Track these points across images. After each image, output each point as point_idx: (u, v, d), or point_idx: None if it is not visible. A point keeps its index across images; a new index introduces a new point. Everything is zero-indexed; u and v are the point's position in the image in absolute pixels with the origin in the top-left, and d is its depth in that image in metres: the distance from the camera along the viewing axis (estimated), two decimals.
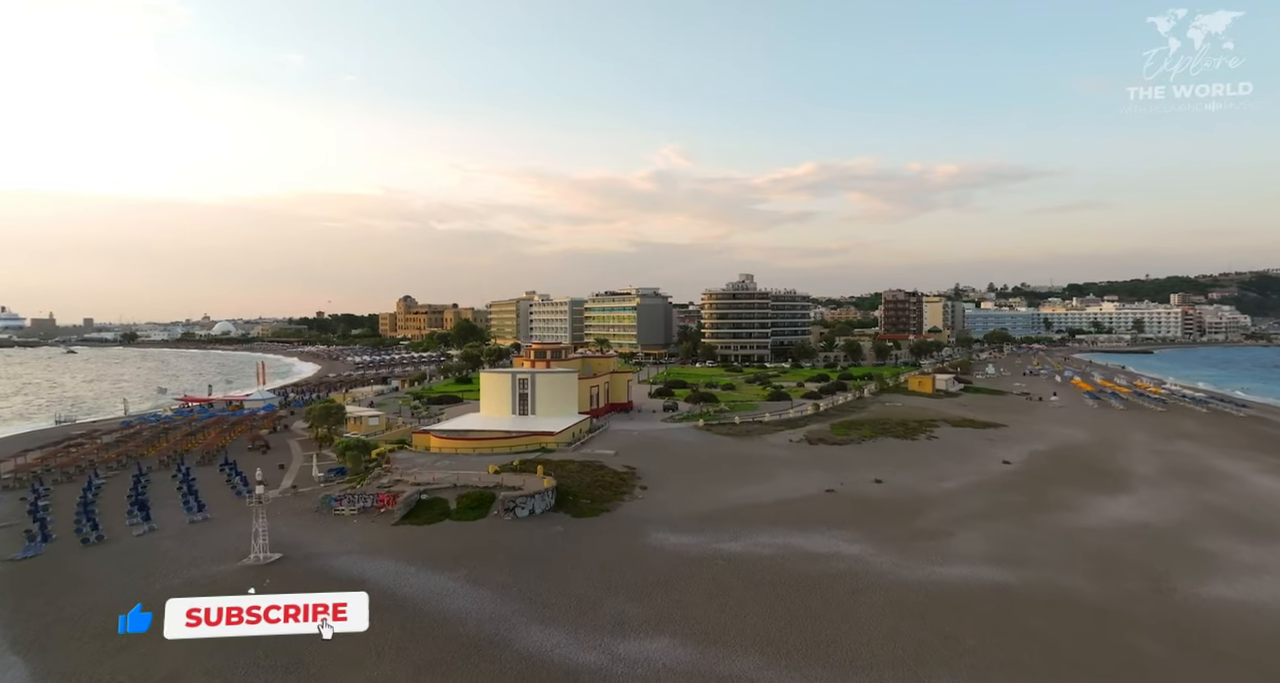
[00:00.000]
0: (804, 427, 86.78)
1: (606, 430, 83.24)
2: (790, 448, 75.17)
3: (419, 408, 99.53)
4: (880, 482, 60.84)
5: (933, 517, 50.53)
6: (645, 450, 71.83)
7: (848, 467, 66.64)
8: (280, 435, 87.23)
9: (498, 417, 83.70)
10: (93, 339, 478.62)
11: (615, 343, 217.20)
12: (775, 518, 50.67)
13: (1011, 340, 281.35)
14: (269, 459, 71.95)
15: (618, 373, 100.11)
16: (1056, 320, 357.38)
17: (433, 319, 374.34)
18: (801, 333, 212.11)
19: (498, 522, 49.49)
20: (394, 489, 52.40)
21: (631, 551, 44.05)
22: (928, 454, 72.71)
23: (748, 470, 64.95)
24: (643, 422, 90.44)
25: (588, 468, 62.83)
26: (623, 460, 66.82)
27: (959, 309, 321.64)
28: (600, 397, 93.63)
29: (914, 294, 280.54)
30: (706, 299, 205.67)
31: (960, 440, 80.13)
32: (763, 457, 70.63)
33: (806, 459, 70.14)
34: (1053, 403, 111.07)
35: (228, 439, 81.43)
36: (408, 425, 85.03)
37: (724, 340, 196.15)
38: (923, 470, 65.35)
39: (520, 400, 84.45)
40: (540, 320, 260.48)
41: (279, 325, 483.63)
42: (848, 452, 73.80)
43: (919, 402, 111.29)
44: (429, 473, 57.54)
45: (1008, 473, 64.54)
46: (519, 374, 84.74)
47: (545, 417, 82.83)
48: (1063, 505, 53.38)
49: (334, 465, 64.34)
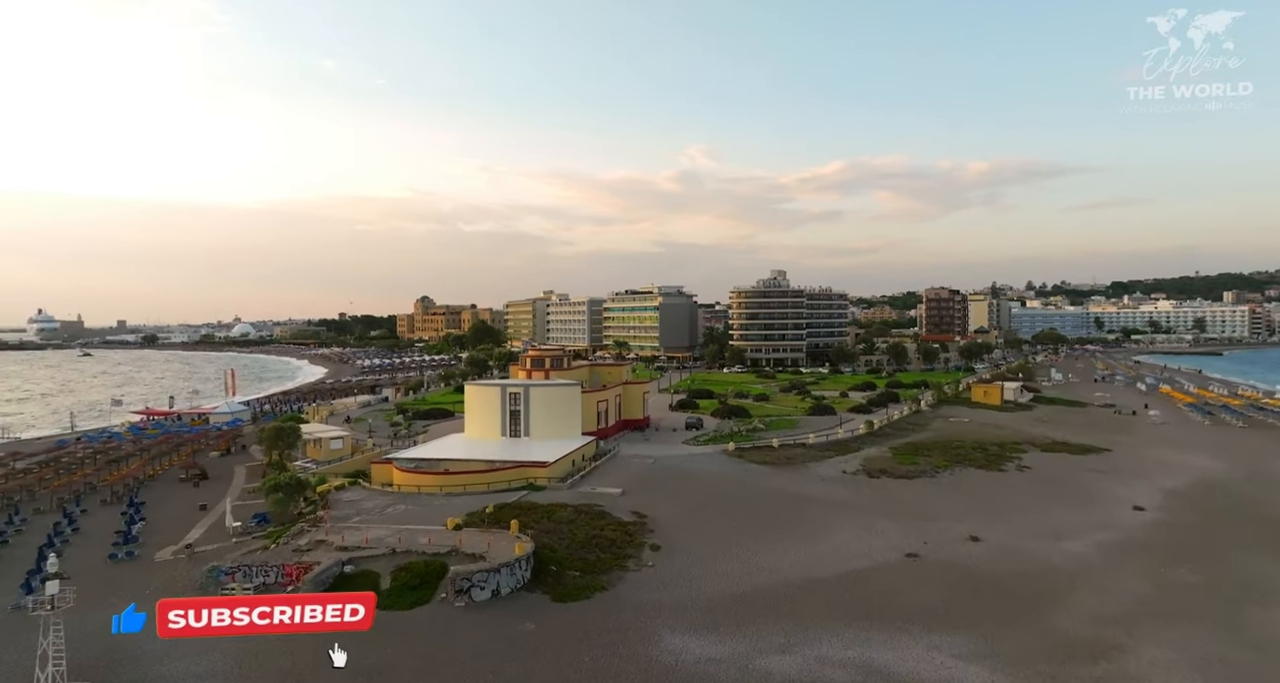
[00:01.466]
0: (858, 452, 70.86)
1: (615, 456, 68.19)
2: (845, 483, 59.43)
3: (400, 425, 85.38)
4: (978, 540, 44.91)
5: (1078, 609, 34.57)
6: (660, 487, 56.61)
7: (926, 513, 50.77)
8: (231, 460, 73.57)
9: (484, 440, 69.07)
10: (115, 341, 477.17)
11: (636, 345, 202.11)
12: (842, 606, 35.23)
13: (1064, 341, 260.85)
14: (199, 494, 58.14)
15: (631, 384, 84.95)
16: (1108, 320, 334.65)
17: (450, 320, 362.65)
18: (839, 335, 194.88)
19: (444, 610, 34.67)
20: (305, 560, 37.78)
21: (631, 673, 28.94)
22: (1026, 493, 56.47)
23: (794, 518, 49.42)
24: (660, 444, 75.19)
25: (584, 516, 47.80)
26: (631, 502, 51.71)
27: (1004, 308, 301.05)
28: (610, 413, 78.60)
29: (957, 293, 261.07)
30: (735, 298, 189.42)
31: (1060, 472, 63.63)
32: (812, 497, 55.03)
33: (869, 500, 54.37)
34: (1152, 419, 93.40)
35: (158, 468, 67.81)
36: (379, 449, 70.77)
37: (754, 343, 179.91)
38: (1029, 520, 49.23)
39: (511, 419, 69.72)
40: (558, 321, 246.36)
41: (299, 327, 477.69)
42: (921, 489, 57.84)
43: (988, 416, 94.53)
44: (367, 529, 42.93)
45: (1149, 526, 48.08)
46: (510, 388, 69.98)
47: (541, 439, 68.05)
48: (1271, 588, 37.07)
49: (261, 511, 50.13)
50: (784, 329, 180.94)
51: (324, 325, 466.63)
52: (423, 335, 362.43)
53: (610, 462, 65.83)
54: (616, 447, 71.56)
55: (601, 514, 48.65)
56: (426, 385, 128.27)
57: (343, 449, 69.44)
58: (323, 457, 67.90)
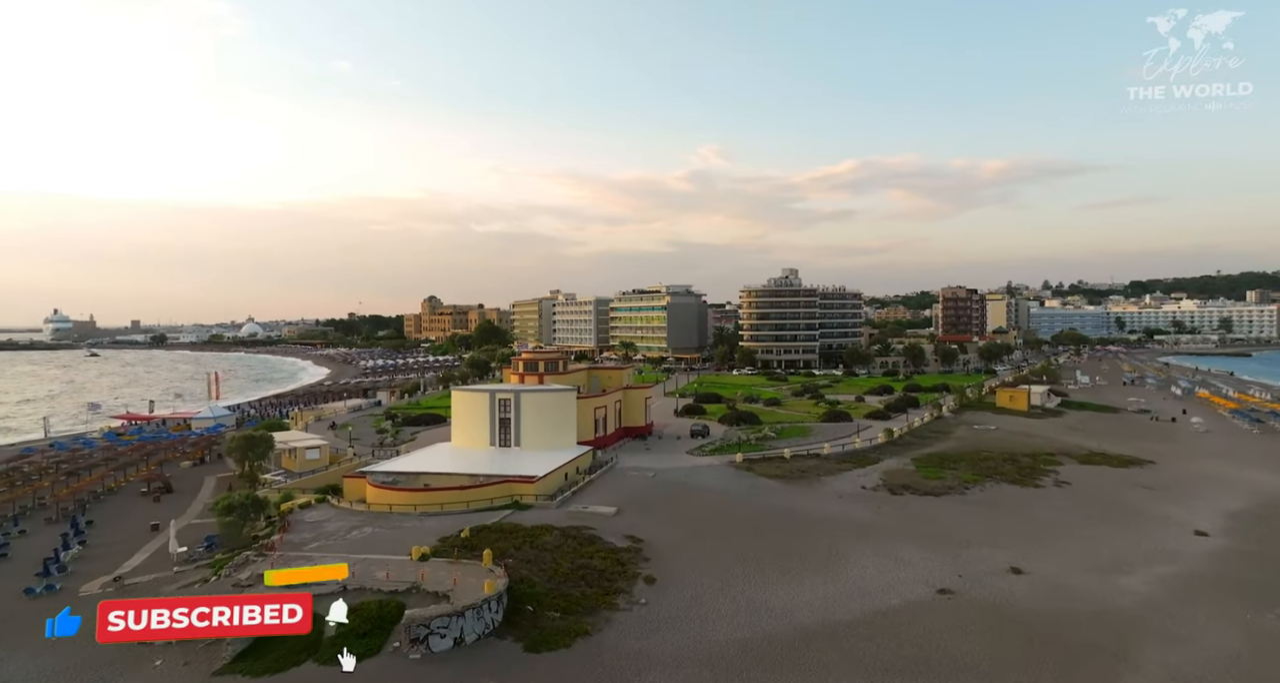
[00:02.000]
0: (878, 464, 65.12)
1: (613, 468, 62.80)
2: (865, 501, 53.71)
3: (387, 432, 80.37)
4: (1019, 572, 39.17)
5: (1152, 668, 28.76)
6: (660, 505, 51.16)
7: (957, 537, 45.04)
8: (205, 470, 68.86)
9: (471, 449, 63.93)
10: (124, 341, 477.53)
11: (643, 346, 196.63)
12: (866, 660, 29.68)
13: (1086, 341, 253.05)
14: (157, 511, 53.30)
15: (633, 389, 79.48)
16: (1130, 320, 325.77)
17: (457, 320, 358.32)
18: (853, 335, 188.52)
19: (395, 664, 29.38)
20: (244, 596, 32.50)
21: None
22: (1068, 514, 50.54)
23: (808, 544, 43.85)
24: (663, 454, 69.72)
25: (571, 541, 42.50)
26: (625, 524, 46.34)
27: (1023, 308, 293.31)
28: (609, 420, 73.16)
29: (974, 292, 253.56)
30: (745, 297, 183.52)
31: (1102, 488, 57.61)
32: (828, 517, 49.38)
33: (892, 522, 48.65)
34: (1195, 427, 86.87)
35: (120, 480, 63.08)
36: (359, 459, 65.74)
37: (765, 344, 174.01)
38: (1075, 547, 43.39)
39: (500, 428, 64.49)
40: (564, 321, 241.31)
41: (307, 327, 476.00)
42: (949, 508, 52.03)
43: (1016, 423, 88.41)
44: (322, 558, 37.73)
45: (1217, 556, 42.05)
46: (499, 393, 64.70)
47: (532, 450, 62.81)
48: None
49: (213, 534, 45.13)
50: (796, 330, 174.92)
51: (332, 325, 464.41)
52: (429, 336, 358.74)
53: (607, 475, 60.44)
54: (615, 458, 66.16)
55: (592, 539, 43.30)
56: (423, 388, 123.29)
57: (320, 460, 64.47)
58: (298, 468, 63.04)
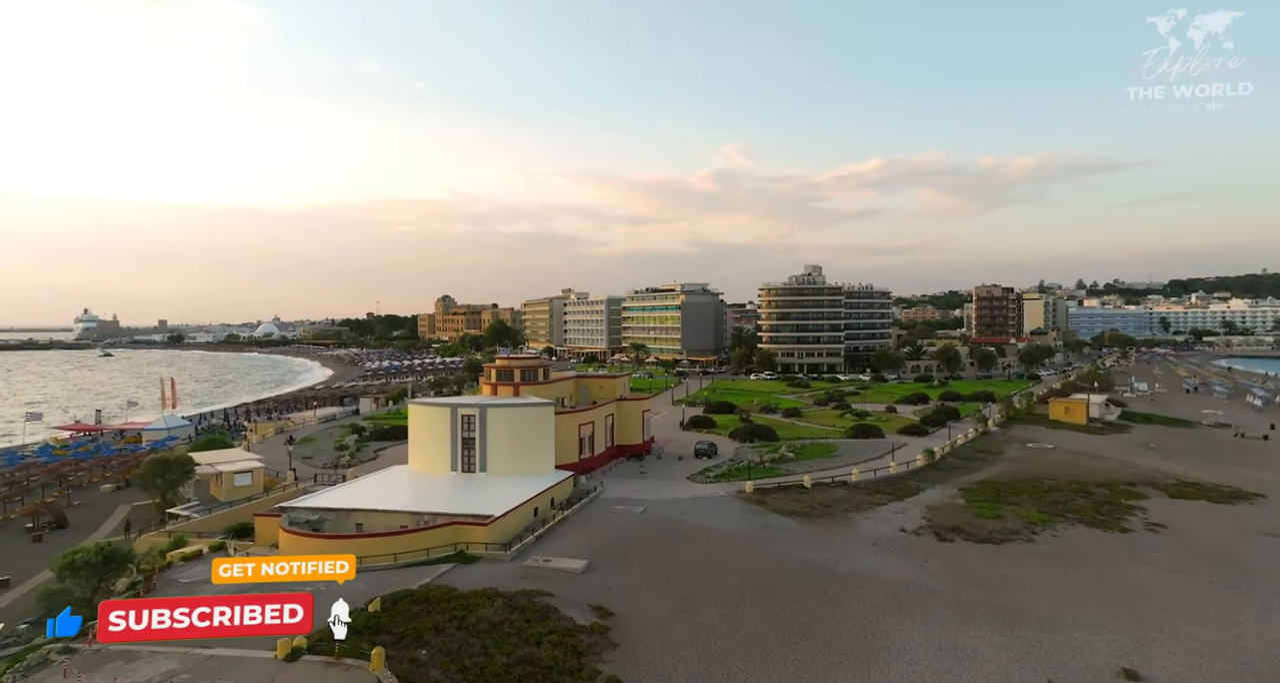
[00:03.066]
0: (918, 495, 53.59)
1: (596, 499, 52.00)
2: (906, 551, 42.20)
3: (348, 449, 70.20)
4: (1138, 678, 27.59)
5: None
6: (643, 557, 40.19)
7: (1034, 610, 33.48)
8: (127, 494, 59.15)
9: (429, 476, 53.45)
10: (142, 341, 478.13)
11: (655, 348, 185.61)
12: None
13: (1132, 343, 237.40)
14: (29, 556, 43.47)
15: (629, 400, 68.41)
16: (1175, 320, 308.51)
17: (470, 320, 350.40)
18: (880, 337, 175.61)
19: None
20: None
21: None
22: (1181, 576, 38.54)
23: (835, 619, 32.61)
24: (659, 479, 58.74)
25: (517, 616, 31.70)
26: (594, 587, 35.47)
27: (1061, 308, 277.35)
28: (597, 438, 62.30)
29: (1010, 290, 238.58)
30: (764, 296, 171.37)
31: (1213, 535, 45.45)
32: (860, 575, 38.02)
33: (945, 583, 37.14)
34: None
35: (9, 512, 53.35)
36: (297, 486, 55.55)
37: (785, 346, 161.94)
38: (1210, 635, 31.51)
39: (463, 449, 53.87)
40: (575, 322, 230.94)
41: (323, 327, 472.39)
42: (1016, 562, 40.37)
43: (1076, 440, 76.16)
44: (149, 660, 27.16)
45: None
46: (462, 408, 54.09)
47: (500, 475, 52.25)
48: None
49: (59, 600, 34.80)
50: (819, 331, 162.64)
51: (347, 325, 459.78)
52: (442, 336, 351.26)
53: (587, 509, 49.59)
54: (600, 486, 55.32)
55: (545, 612, 32.46)
56: (411, 394, 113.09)
57: (251, 486, 54.34)
58: (225, 496, 52.98)
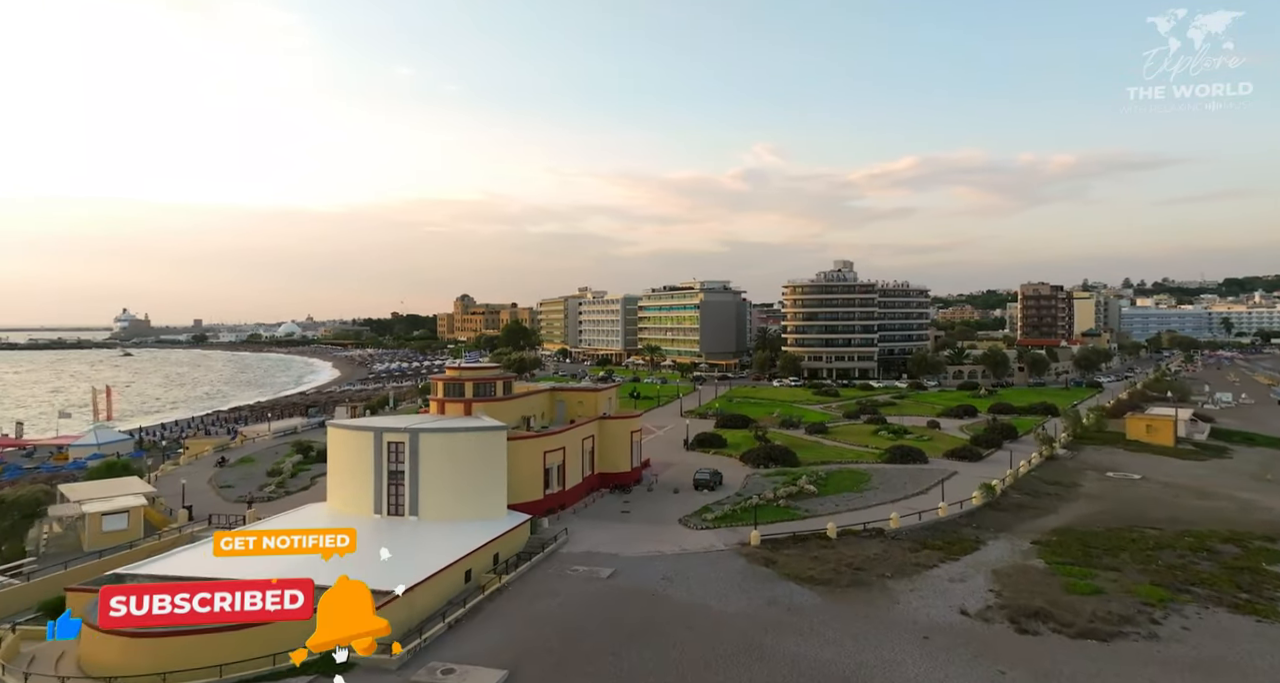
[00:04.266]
0: (979, 551, 40.61)
1: (554, 555, 39.96)
2: (971, 647, 29.37)
3: (282, 474, 59.06)
4: None
5: None
6: (593, 659, 27.99)
7: None
8: None
9: (349, 517, 41.88)
10: (167, 340, 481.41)
11: (672, 351, 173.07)
12: None
13: (1195, 346, 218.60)
14: None
15: (614, 419, 56.00)
16: (1238, 321, 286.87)
17: (489, 320, 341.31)
18: (918, 339, 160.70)
19: None
20: None
21: None
22: None
23: None
24: (642, 523, 46.46)
25: None
26: None
27: (1113, 307, 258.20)
28: (570, 466, 50.15)
29: (1060, 288, 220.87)
30: (789, 294, 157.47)
31: None
32: None
33: None
34: None
35: None
36: (180, 534, 44.39)
37: (812, 349, 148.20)
38: None
39: (390, 486, 42.28)
40: (590, 322, 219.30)
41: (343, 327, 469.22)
42: (1136, 675, 27.36)
43: (1167, 467, 62.25)
44: None
45: None
46: (388, 432, 42.50)
47: (435, 518, 40.72)
48: None
49: None
50: (850, 332, 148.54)
51: (369, 325, 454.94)
52: (460, 336, 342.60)
53: (535, 573, 37.54)
54: (565, 533, 43.25)
55: None
56: (393, 403, 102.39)
57: (126, 531, 43.25)
58: (90, 545, 42.04)
